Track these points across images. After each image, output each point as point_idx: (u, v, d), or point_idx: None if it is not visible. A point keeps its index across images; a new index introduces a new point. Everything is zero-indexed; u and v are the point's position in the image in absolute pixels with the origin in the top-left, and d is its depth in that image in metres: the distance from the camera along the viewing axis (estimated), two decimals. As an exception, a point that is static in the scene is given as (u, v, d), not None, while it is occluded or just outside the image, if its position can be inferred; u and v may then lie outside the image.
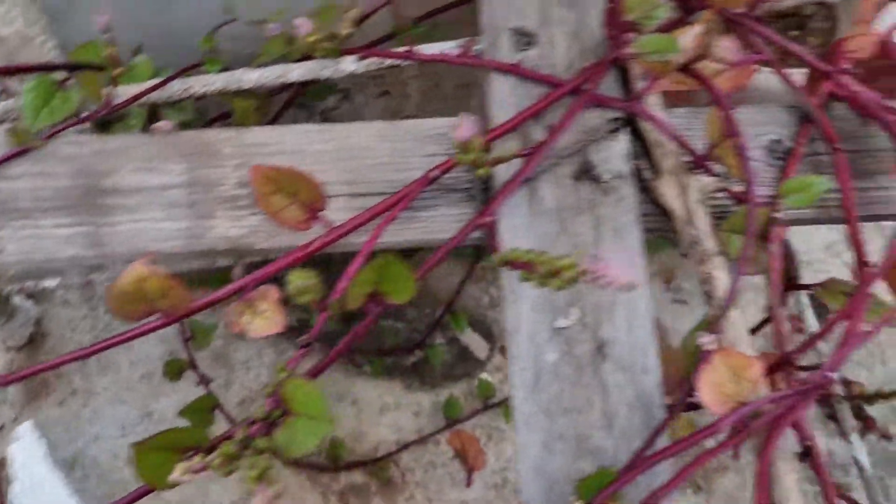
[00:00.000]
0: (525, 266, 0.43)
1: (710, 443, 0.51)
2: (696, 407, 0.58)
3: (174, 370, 1.05)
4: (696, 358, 0.52)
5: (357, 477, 1.15)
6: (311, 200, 0.55)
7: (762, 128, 0.63)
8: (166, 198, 0.59)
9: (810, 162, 0.63)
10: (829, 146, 0.61)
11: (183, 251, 0.58)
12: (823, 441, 1.27)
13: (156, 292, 0.49)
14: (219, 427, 1.12)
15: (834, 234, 1.43)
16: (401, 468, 1.16)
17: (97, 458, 1.17)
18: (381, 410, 1.19)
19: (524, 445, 0.52)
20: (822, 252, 1.42)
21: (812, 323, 1.22)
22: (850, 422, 1.13)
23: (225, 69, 0.71)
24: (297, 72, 0.67)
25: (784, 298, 0.66)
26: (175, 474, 0.45)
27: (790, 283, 0.67)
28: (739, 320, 0.55)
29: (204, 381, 1.10)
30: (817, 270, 1.40)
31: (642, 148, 0.61)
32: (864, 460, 1.10)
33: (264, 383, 1.19)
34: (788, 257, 0.65)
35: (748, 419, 0.49)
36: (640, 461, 0.47)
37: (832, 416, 1.11)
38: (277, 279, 0.58)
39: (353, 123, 0.61)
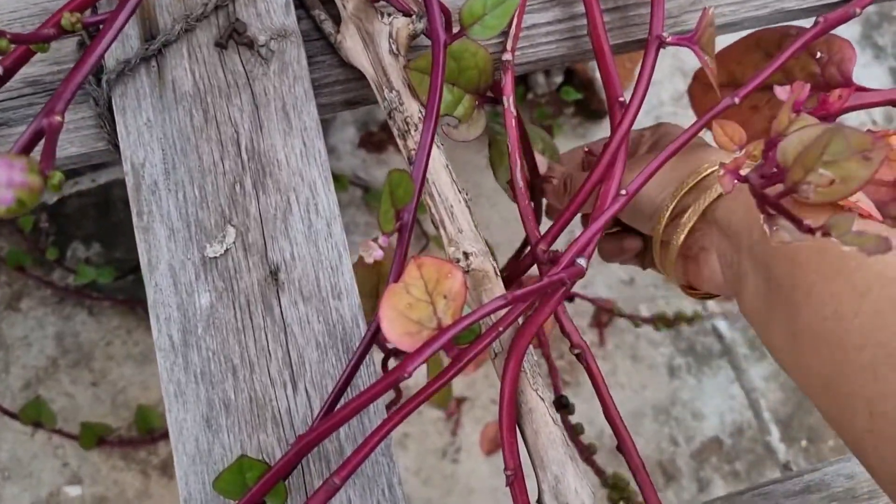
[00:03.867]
0: None
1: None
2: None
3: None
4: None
5: (180, 443, 1.00)
6: None
7: (485, -55, 0.48)
8: None
9: (552, -18, 0.48)
10: (568, -44, 0.46)
11: None
12: (688, 308, 1.18)
13: None
14: (2, 422, 0.96)
15: (682, 83, 1.31)
16: (229, 424, 1.02)
17: None
18: (196, 364, 1.03)
19: (176, 426, 0.38)
20: (672, 105, 1.30)
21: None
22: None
23: None
24: None
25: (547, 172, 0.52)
26: None
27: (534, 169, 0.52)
28: (459, 207, 0.41)
29: (-40, 372, 0.92)
30: (667, 126, 1.28)
31: (318, -8, 0.45)
32: (723, 327, 1.01)
33: (52, 358, 1.01)
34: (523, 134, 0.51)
35: (463, 343, 0.35)
36: (299, 439, 0.33)
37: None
38: None
39: None
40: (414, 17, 0.42)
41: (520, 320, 0.39)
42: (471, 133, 0.43)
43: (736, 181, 0.35)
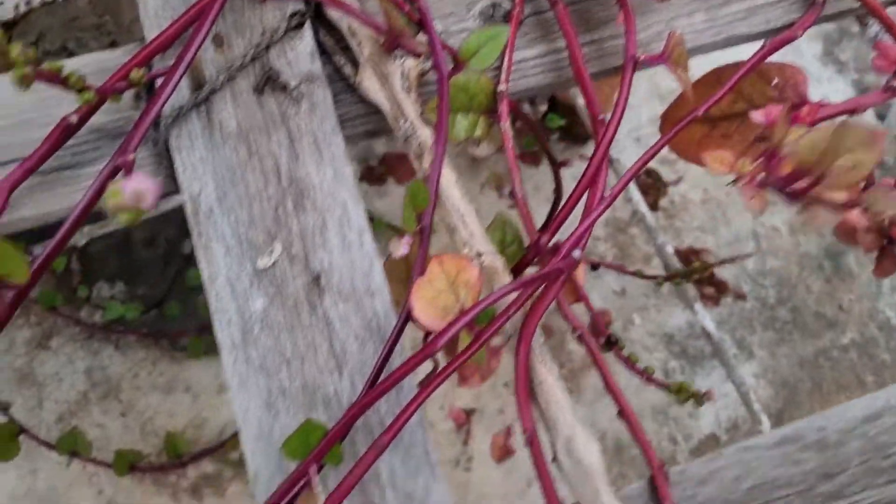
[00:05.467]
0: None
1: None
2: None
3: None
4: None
5: (207, 467, 1.06)
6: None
7: (477, -7, 0.56)
8: None
9: (536, 23, 0.56)
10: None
11: None
12: (678, 315, 1.25)
13: None
14: (39, 454, 1.01)
15: (658, 106, 1.40)
16: (252, 446, 1.07)
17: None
18: (218, 390, 1.10)
19: (242, 412, 0.44)
20: (650, 126, 1.39)
21: (643, 210, 1.18)
22: (693, 293, 1.10)
23: None
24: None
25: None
26: None
27: (552, 161, 0.60)
28: (470, 215, 0.48)
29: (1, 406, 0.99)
30: (647, 146, 1.36)
31: (338, 41, 0.53)
32: (711, 327, 1.08)
33: (82, 391, 1.07)
34: (538, 133, 0.59)
35: (480, 328, 0.42)
36: (346, 413, 0.40)
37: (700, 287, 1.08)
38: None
39: (-16, 77, 0.50)
40: (422, 57, 0.50)
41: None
42: (491, 148, 0.50)
43: (758, 189, 0.43)
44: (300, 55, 0.50)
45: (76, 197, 0.49)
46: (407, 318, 0.43)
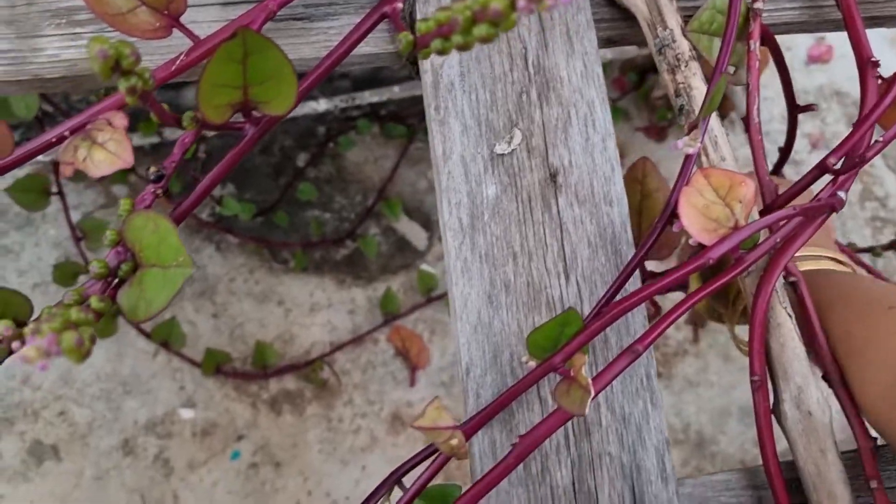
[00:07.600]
0: (445, 30, 0.30)
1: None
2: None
3: (66, 275, 0.91)
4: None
5: (289, 383, 1.04)
6: (165, 0, 0.41)
7: (740, -88, 0.51)
8: (-18, 15, 0.45)
9: (798, -47, 0.52)
10: (821, -71, 0.49)
11: (1, 80, 0.44)
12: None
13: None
14: (127, 340, 1.00)
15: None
16: (337, 371, 1.05)
17: (-8, 380, 1.04)
18: (311, 309, 1.07)
19: (461, 299, 0.41)
20: (780, 122, 1.33)
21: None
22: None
23: None
24: None
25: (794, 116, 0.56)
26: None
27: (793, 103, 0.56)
28: (722, 138, 0.44)
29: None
30: (775, 142, 1.31)
31: (596, -66, 0.49)
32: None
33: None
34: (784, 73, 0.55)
35: (744, 249, 0.39)
36: (611, 307, 0.36)
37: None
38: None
39: None
40: (691, -37, 0.46)
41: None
42: (744, 77, 0.46)
43: None
44: (560, -59, 0.47)
45: (304, 50, 0.47)
46: (664, 226, 0.40)
